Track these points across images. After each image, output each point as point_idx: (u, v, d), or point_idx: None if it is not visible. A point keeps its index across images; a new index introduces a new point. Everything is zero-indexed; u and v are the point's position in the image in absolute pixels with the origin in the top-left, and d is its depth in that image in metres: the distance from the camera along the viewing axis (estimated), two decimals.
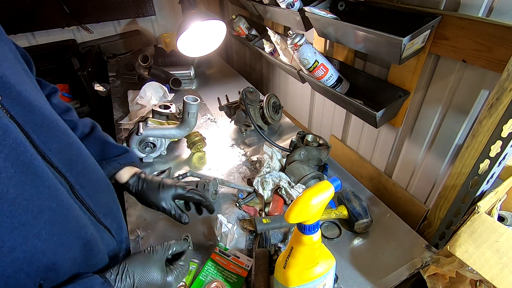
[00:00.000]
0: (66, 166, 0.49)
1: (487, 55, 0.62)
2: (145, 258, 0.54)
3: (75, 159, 0.53)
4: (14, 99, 0.42)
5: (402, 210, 0.97)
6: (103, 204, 0.58)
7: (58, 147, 0.48)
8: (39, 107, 0.46)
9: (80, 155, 0.55)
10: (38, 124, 0.45)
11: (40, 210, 0.41)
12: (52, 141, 0.47)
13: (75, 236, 0.46)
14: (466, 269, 0.60)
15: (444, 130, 0.80)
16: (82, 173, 0.53)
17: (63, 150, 0.50)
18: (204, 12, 1.16)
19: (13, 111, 0.41)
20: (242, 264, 0.75)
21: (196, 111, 1.06)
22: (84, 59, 1.98)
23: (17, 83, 0.43)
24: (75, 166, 0.52)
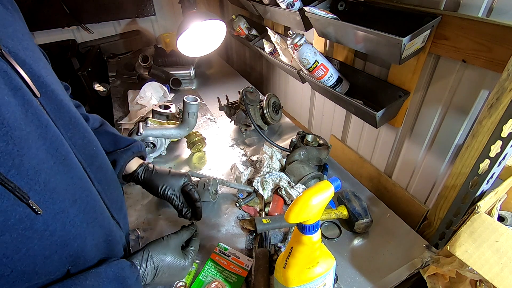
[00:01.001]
0: (87, 161, 0.52)
1: (487, 55, 0.62)
2: (164, 245, 0.61)
3: (95, 155, 0.55)
4: (49, 98, 0.45)
5: (402, 210, 0.97)
6: (115, 199, 0.61)
7: (82, 143, 0.52)
8: (68, 106, 0.49)
9: (98, 151, 0.58)
10: (67, 121, 0.48)
11: (74, 199, 0.44)
12: (77, 137, 0.50)
13: (100, 225, 0.50)
14: (466, 269, 0.60)
15: (444, 130, 0.80)
16: (99, 168, 0.56)
17: (86, 146, 0.53)
18: (204, 12, 1.16)
19: (48, 109, 0.44)
20: (242, 264, 0.75)
21: (196, 111, 1.06)
22: (84, 59, 1.98)
23: (51, 82, 0.46)
24: (95, 162, 0.55)
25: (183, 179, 0.78)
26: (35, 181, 0.37)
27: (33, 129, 0.38)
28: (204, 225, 0.89)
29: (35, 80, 0.42)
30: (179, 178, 0.78)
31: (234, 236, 0.85)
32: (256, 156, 1.11)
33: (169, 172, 0.78)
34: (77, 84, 1.96)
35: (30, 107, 0.38)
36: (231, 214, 0.92)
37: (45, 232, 0.38)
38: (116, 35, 2.28)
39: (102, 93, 1.91)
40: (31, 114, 0.38)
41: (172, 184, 0.77)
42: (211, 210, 0.94)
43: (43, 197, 0.38)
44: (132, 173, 0.77)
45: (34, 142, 0.38)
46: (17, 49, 0.41)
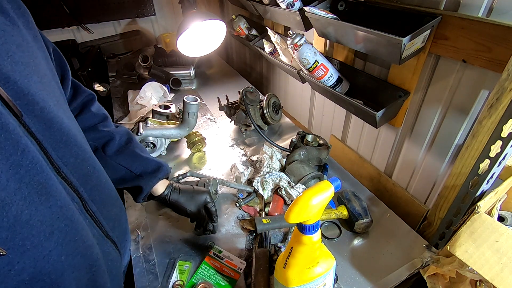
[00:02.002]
0: (80, 180, 0.49)
1: (487, 55, 0.62)
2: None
3: (90, 174, 0.53)
4: (36, 116, 0.41)
5: (402, 210, 0.97)
6: (112, 217, 0.58)
7: (75, 162, 0.48)
8: (60, 123, 0.46)
9: (94, 169, 0.55)
10: (57, 140, 0.45)
11: (51, 231, 0.40)
12: (69, 156, 0.47)
13: (81, 256, 0.46)
14: (466, 269, 0.60)
15: (444, 130, 0.80)
16: (95, 187, 0.53)
17: (79, 165, 0.50)
18: (204, 12, 1.16)
19: (34, 128, 0.41)
20: (235, 267, 0.75)
21: (196, 111, 1.06)
22: (84, 59, 1.98)
23: (42, 98, 0.42)
24: (89, 181, 0.52)
25: (205, 197, 0.80)
26: (2, 216, 0.34)
27: (4, 157, 0.35)
28: None
29: (20, 97, 0.39)
30: (202, 195, 0.79)
31: (234, 236, 0.85)
32: (256, 156, 1.11)
33: (193, 190, 0.80)
34: None
35: (4, 132, 0.35)
36: (231, 214, 0.92)
37: (9, 273, 0.35)
38: (116, 35, 2.28)
39: (102, 93, 1.91)
40: (4, 140, 0.35)
41: (197, 205, 0.78)
42: None
43: (12, 233, 0.35)
44: (159, 195, 0.76)
45: (4, 173, 0.35)
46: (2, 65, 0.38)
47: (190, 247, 0.82)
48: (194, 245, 0.83)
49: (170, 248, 0.82)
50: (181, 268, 0.76)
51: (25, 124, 0.39)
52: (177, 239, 0.85)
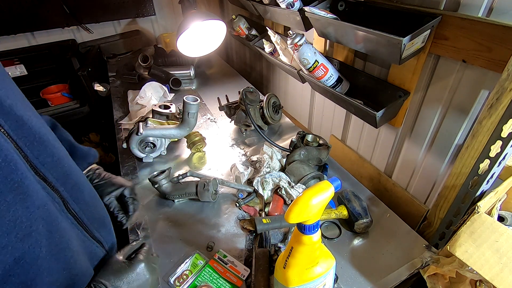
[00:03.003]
0: (59, 180, 0.48)
1: (487, 55, 0.62)
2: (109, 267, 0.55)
3: (68, 173, 0.52)
4: (6, 114, 0.41)
5: (402, 210, 0.97)
6: (96, 217, 0.58)
7: (52, 161, 0.48)
8: (30, 121, 0.45)
9: (72, 168, 0.54)
10: (31, 139, 0.44)
11: (28, 232, 0.39)
12: (45, 155, 0.46)
13: (56, 259, 0.45)
14: (466, 269, 0.60)
15: (444, 130, 0.80)
16: (75, 187, 0.52)
17: (56, 164, 0.49)
18: (204, 12, 1.16)
19: (6, 126, 0.40)
20: (238, 273, 0.75)
21: (196, 111, 1.06)
22: (84, 59, 1.98)
23: (8, 97, 0.42)
24: (69, 180, 0.51)
25: (119, 189, 0.77)
26: None
27: None
28: (204, 225, 0.89)
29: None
30: (114, 187, 0.77)
31: (234, 236, 0.85)
32: (256, 156, 1.11)
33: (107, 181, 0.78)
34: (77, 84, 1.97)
35: None
36: (231, 214, 0.92)
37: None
38: (116, 35, 2.28)
39: (102, 93, 1.91)
40: None
41: (107, 192, 0.76)
42: (211, 210, 0.94)
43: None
44: None
45: None
46: None
47: (190, 247, 0.82)
48: (195, 245, 0.83)
49: (170, 248, 0.82)
50: (195, 261, 0.77)
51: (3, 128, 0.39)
52: (177, 239, 0.85)
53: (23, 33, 1.97)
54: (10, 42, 1.95)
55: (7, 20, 1.88)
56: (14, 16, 1.88)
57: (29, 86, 2.00)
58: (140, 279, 0.55)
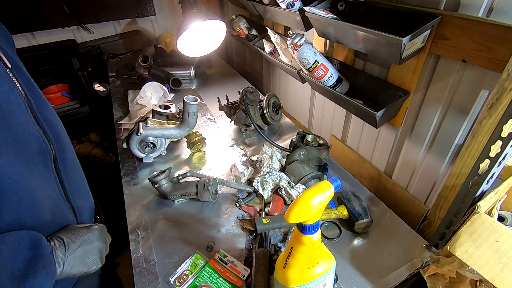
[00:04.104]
0: (54, 138, 0.56)
1: (487, 55, 0.62)
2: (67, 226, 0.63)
3: (61, 135, 0.60)
4: (19, 72, 0.51)
5: (402, 210, 0.97)
6: (75, 183, 0.64)
7: (51, 120, 0.56)
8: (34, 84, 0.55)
9: (64, 132, 0.62)
10: (37, 96, 0.54)
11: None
12: (46, 112, 0.56)
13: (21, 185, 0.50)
14: (466, 269, 0.60)
15: (444, 130, 0.80)
16: (64, 149, 0.60)
17: (54, 123, 0.57)
18: (204, 12, 1.16)
19: (20, 81, 0.50)
20: (239, 273, 0.75)
21: (196, 111, 1.06)
22: (84, 59, 1.98)
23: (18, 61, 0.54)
24: (61, 141, 0.59)
25: None
26: None
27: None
28: (204, 225, 0.89)
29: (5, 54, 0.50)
30: None
31: (234, 236, 0.85)
32: (256, 156, 1.11)
33: None
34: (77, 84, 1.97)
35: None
36: (231, 214, 0.92)
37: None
38: (116, 35, 2.28)
39: (102, 93, 1.91)
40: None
41: None
42: (211, 210, 0.94)
43: None
44: None
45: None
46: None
47: (190, 247, 0.82)
48: (195, 245, 0.83)
49: (170, 248, 0.82)
50: (195, 261, 0.77)
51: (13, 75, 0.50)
52: (177, 239, 0.85)
53: (23, 33, 1.97)
54: None
55: (7, 20, 1.88)
56: (14, 16, 1.88)
57: None
58: (93, 241, 0.62)
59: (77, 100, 1.99)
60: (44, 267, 0.50)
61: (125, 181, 1.07)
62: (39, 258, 0.50)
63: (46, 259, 0.51)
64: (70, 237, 0.58)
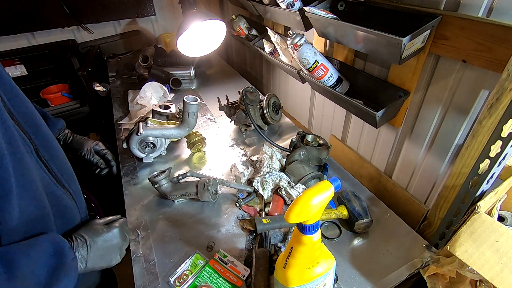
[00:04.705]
0: (32, 129, 0.55)
1: (487, 55, 0.62)
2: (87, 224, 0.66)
3: (39, 125, 0.59)
4: None
5: (402, 210, 0.97)
6: (65, 169, 0.64)
7: (26, 112, 0.55)
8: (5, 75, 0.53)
9: (42, 123, 0.61)
10: (8, 89, 0.52)
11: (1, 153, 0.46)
12: (20, 105, 0.54)
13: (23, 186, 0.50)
14: (466, 269, 0.60)
15: (444, 130, 0.80)
16: (45, 138, 0.59)
17: (29, 115, 0.56)
18: (204, 12, 1.16)
19: None
20: (239, 273, 0.74)
21: (196, 111, 1.06)
22: (84, 59, 1.98)
23: None
24: (40, 131, 0.58)
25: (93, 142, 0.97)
26: None
27: None
28: (204, 225, 0.89)
29: None
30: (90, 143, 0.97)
31: (234, 236, 0.85)
32: (256, 156, 1.11)
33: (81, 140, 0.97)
34: (77, 84, 1.97)
35: None
36: (231, 214, 0.92)
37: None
38: (116, 35, 2.28)
39: (102, 93, 1.91)
40: None
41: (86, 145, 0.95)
42: (211, 210, 0.94)
43: None
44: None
45: None
46: None
47: (190, 247, 0.82)
48: (195, 245, 0.83)
49: (170, 248, 0.82)
50: (195, 261, 0.77)
51: None
52: (177, 239, 0.85)
53: (23, 33, 1.97)
54: (10, 42, 1.95)
55: (7, 20, 1.88)
56: (14, 16, 1.88)
57: (29, 86, 2.00)
58: (113, 240, 0.66)
59: (77, 100, 1.99)
60: (66, 275, 0.53)
61: (125, 181, 1.07)
62: (62, 266, 0.53)
63: (68, 267, 0.54)
64: (92, 236, 0.62)
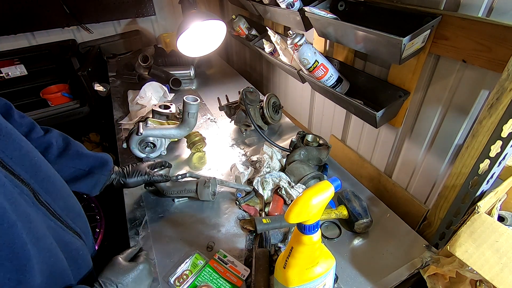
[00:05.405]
0: (29, 173, 0.49)
1: (487, 55, 0.62)
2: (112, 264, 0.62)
3: (38, 165, 0.52)
4: None
5: (402, 210, 0.97)
6: (70, 208, 0.59)
7: (19, 155, 0.48)
8: None
9: (41, 162, 0.55)
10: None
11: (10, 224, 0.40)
12: (12, 148, 0.47)
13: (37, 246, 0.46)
14: (466, 269, 0.60)
15: (444, 130, 0.80)
16: (46, 179, 0.53)
17: (24, 157, 0.49)
18: (204, 12, 1.16)
19: None
20: (239, 273, 0.74)
21: (196, 111, 1.06)
22: (84, 59, 1.98)
23: None
24: (39, 172, 0.52)
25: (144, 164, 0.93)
26: None
27: None
28: (204, 225, 0.89)
29: None
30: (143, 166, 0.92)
31: (234, 236, 0.85)
32: (256, 156, 1.11)
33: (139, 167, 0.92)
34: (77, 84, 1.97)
35: None
36: (231, 214, 0.92)
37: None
38: (116, 35, 2.28)
39: (102, 93, 1.91)
40: None
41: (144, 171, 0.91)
42: (211, 210, 0.94)
43: None
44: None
45: None
46: None
47: (190, 247, 0.82)
48: (195, 245, 0.83)
49: (170, 248, 0.82)
50: (195, 261, 0.77)
51: None
52: (177, 239, 0.85)
53: (23, 33, 1.97)
54: (10, 42, 1.95)
55: (7, 20, 1.88)
56: (14, 16, 1.88)
57: (29, 86, 2.00)
58: (142, 278, 0.62)
59: (77, 100, 1.99)
60: None
61: None
62: None
63: None
64: (121, 279, 0.58)
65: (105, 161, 0.83)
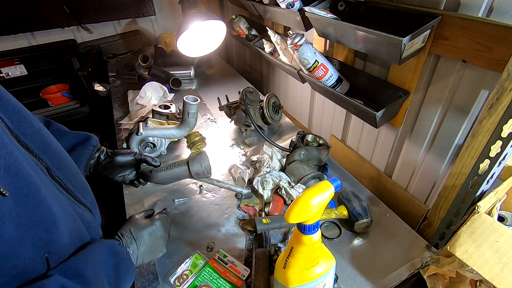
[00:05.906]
0: (41, 149, 0.51)
1: (487, 55, 0.62)
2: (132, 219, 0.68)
3: (48, 143, 0.55)
4: None
5: (402, 210, 0.97)
6: (80, 185, 0.62)
7: (32, 132, 0.51)
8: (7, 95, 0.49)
9: (51, 139, 0.58)
10: (10, 110, 0.48)
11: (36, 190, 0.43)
12: (25, 126, 0.50)
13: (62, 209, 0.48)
14: (466, 269, 0.60)
15: (444, 130, 0.80)
16: (56, 156, 0.56)
17: (36, 135, 0.52)
18: (204, 12, 1.16)
19: None
20: (239, 273, 0.74)
21: (196, 111, 1.06)
22: (84, 59, 1.98)
23: None
24: (49, 149, 0.55)
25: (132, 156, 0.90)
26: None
27: None
28: (204, 225, 0.89)
29: None
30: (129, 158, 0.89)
31: (234, 236, 0.85)
32: (256, 156, 1.11)
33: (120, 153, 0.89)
34: (77, 84, 1.97)
35: None
36: (231, 214, 0.92)
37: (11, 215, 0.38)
38: (116, 35, 2.28)
39: (102, 93, 1.91)
40: None
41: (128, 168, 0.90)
42: (211, 210, 0.94)
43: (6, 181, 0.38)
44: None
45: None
46: None
47: (190, 247, 0.82)
48: (195, 245, 0.83)
49: (170, 248, 0.82)
50: (195, 261, 0.77)
51: None
52: (177, 239, 0.85)
53: (23, 33, 1.97)
54: (10, 42, 1.95)
55: (7, 20, 1.88)
56: (14, 16, 1.88)
57: (29, 86, 2.00)
58: (157, 233, 0.68)
59: (77, 100, 1.98)
60: (127, 268, 0.57)
61: None
62: (121, 262, 0.56)
63: (126, 260, 0.58)
64: (138, 231, 0.64)
65: (88, 137, 0.83)
